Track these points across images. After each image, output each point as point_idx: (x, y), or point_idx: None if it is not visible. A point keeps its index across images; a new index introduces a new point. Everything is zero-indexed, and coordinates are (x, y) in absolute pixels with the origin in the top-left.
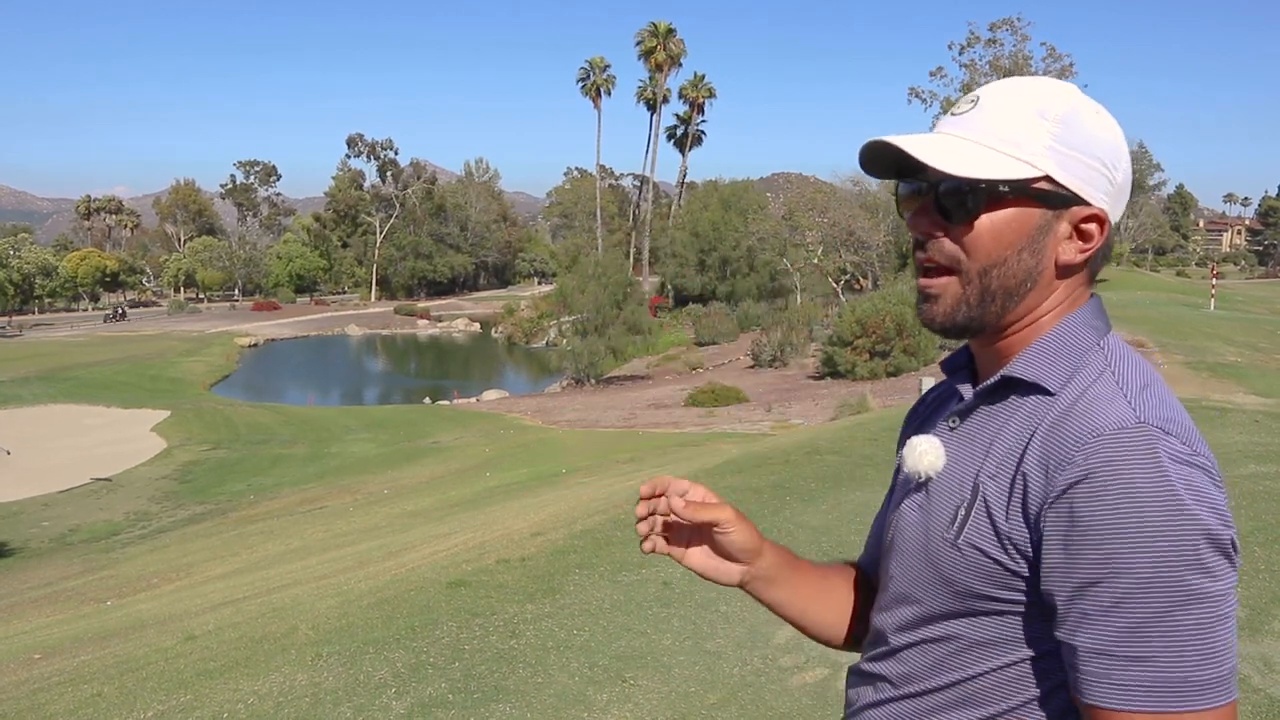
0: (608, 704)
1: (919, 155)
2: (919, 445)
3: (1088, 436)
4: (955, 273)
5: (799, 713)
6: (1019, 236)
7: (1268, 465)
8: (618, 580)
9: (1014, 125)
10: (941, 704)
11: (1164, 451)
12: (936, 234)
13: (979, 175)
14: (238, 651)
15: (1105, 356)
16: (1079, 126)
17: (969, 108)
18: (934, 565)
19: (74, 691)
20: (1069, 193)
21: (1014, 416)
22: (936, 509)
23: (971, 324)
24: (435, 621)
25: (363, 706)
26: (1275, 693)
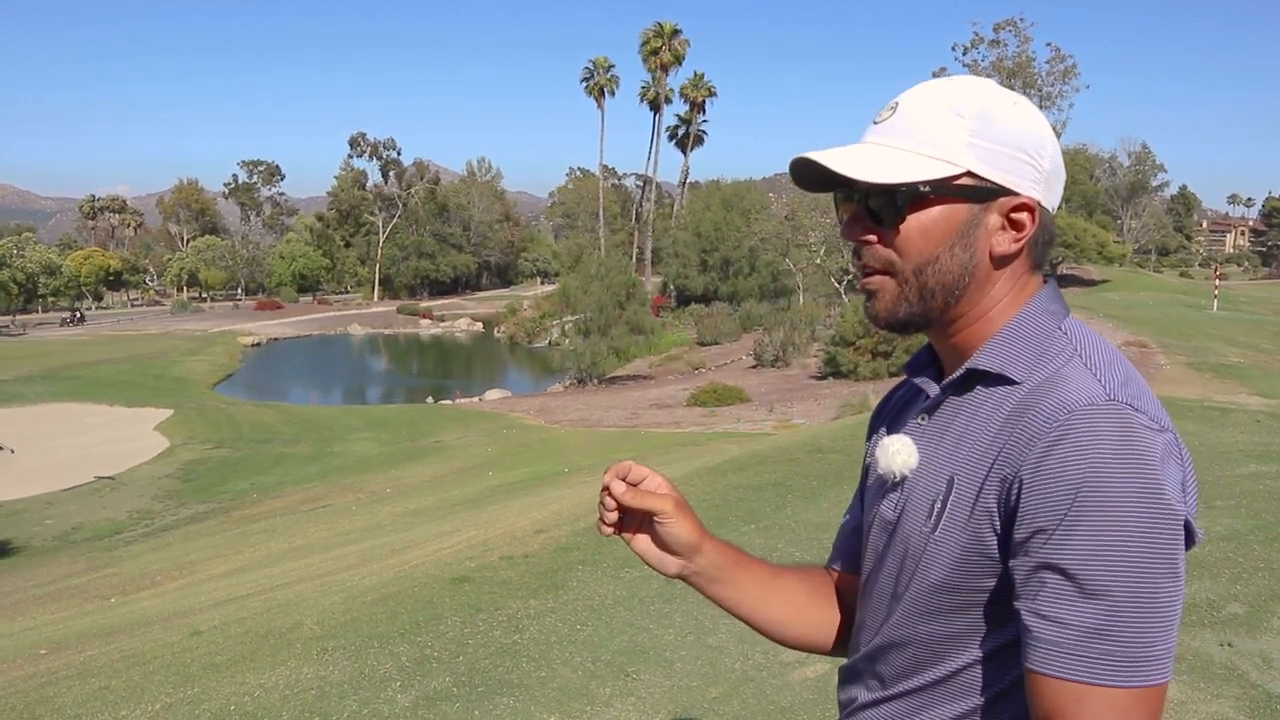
0: (610, 697)
1: (837, 169)
2: (891, 446)
3: (1060, 412)
4: (892, 274)
5: (800, 707)
6: (948, 233)
7: (1269, 465)
8: (620, 576)
9: (931, 126)
10: (934, 698)
11: (1134, 426)
12: (870, 239)
13: (898, 180)
14: (243, 646)
15: (1069, 340)
16: (996, 120)
17: (889, 114)
18: (914, 562)
19: (81, 685)
20: (994, 185)
21: (982, 407)
22: (913, 506)
23: (914, 319)
24: (439, 617)
25: (368, 699)
26: (1274, 689)
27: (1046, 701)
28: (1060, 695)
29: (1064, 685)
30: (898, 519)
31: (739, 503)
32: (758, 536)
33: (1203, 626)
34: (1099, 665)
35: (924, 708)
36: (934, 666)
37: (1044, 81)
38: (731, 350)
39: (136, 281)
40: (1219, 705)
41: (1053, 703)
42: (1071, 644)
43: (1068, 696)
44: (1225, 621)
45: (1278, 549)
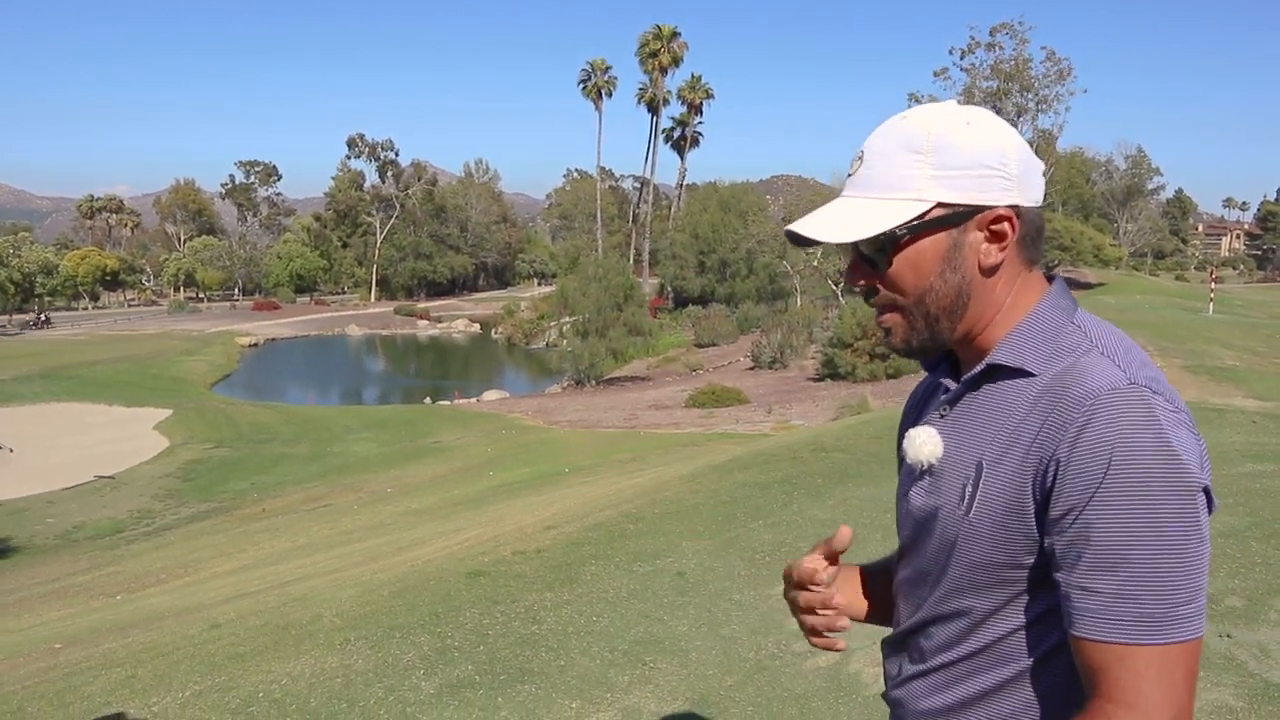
0: (629, 685)
1: (817, 238)
2: (917, 437)
3: (1087, 398)
4: (898, 309)
5: (814, 694)
6: (936, 262)
7: (1265, 464)
8: (633, 570)
9: (894, 171)
10: (975, 667)
11: (1155, 406)
12: (871, 284)
13: (873, 232)
14: (265, 637)
15: (1083, 332)
16: (953, 146)
17: (858, 165)
18: (949, 543)
19: (107, 674)
20: (966, 207)
21: (1004, 398)
22: (944, 492)
23: (929, 344)
24: (457, 608)
25: (393, 687)
26: (1271, 678)
27: (1091, 663)
28: (1104, 656)
29: (1107, 647)
30: (929, 504)
31: (746, 500)
32: (766, 532)
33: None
34: (1136, 626)
35: (966, 677)
36: (974, 638)
37: (1040, 84)
38: (729, 352)
39: (133, 282)
40: (1218, 693)
41: (1097, 664)
42: (1109, 609)
43: (1110, 657)
44: (1224, 614)
45: (1274, 545)
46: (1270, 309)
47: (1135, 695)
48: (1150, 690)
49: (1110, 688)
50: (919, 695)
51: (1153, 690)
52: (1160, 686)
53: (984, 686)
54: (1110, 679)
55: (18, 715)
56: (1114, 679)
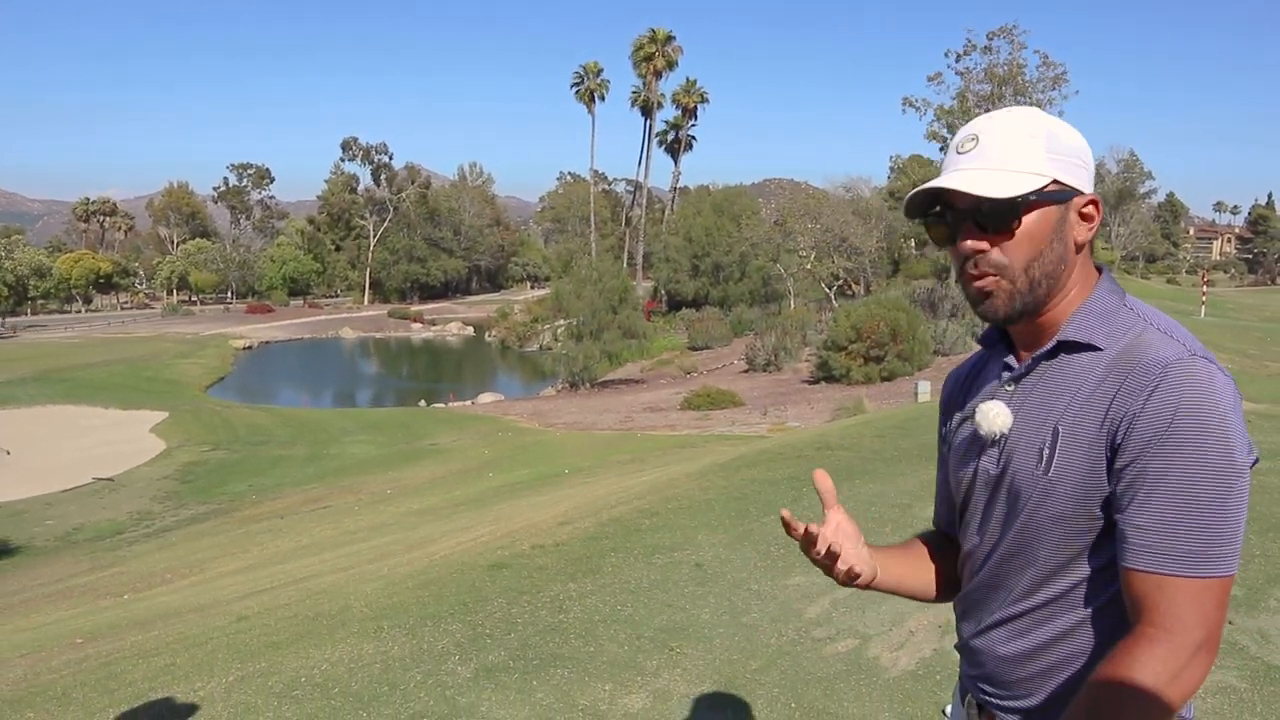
0: (658, 669)
1: (967, 189)
2: (990, 410)
3: (1157, 366)
4: (1002, 275)
5: (835, 677)
6: (1048, 231)
7: (1261, 462)
8: (652, 562)
9: (1016, 148)
10: (1051, 612)
11: (1215, 375)
12: (983, 248)
13: (1012, 193)
14: (297, 627)
15: (1136, 313)
16: (1058, 136)
17: (972, 145)
18: (1026, 501)
19: (146, 663)
20: (1070, 188)
21: (1071, 370)
22: (1020, 456)
23: (1026, 308)
24: (485, 599)
25: (431, 671)
26: (1272, 660)
27: (1136, 591)
28: (1145, 584)
29: (1148, 577)
30: (1002, 469)
31: (757, 495)
32: (779, 526)
33: None
34: (1176, 560)
35: (1041, 623)
36: (1048, 588)
37: (1034, 89)
38: (723, 355)
39: (127, 284)
40: (1222, 675)
41: (1140, 591)
42: (1155, 543)
43: (1151, 585)
44: None
45: (1271, 538)
46: (1261, 312)
47: (1172, 620)
48: (1185, 615)
49: (1151, 612)
50: (998, 642)
51: (1187, 616)
52: (1194, 613)
53: (1056, 631)
54: (1150, 605)
55: (64, 701)
56: (1154, 605)
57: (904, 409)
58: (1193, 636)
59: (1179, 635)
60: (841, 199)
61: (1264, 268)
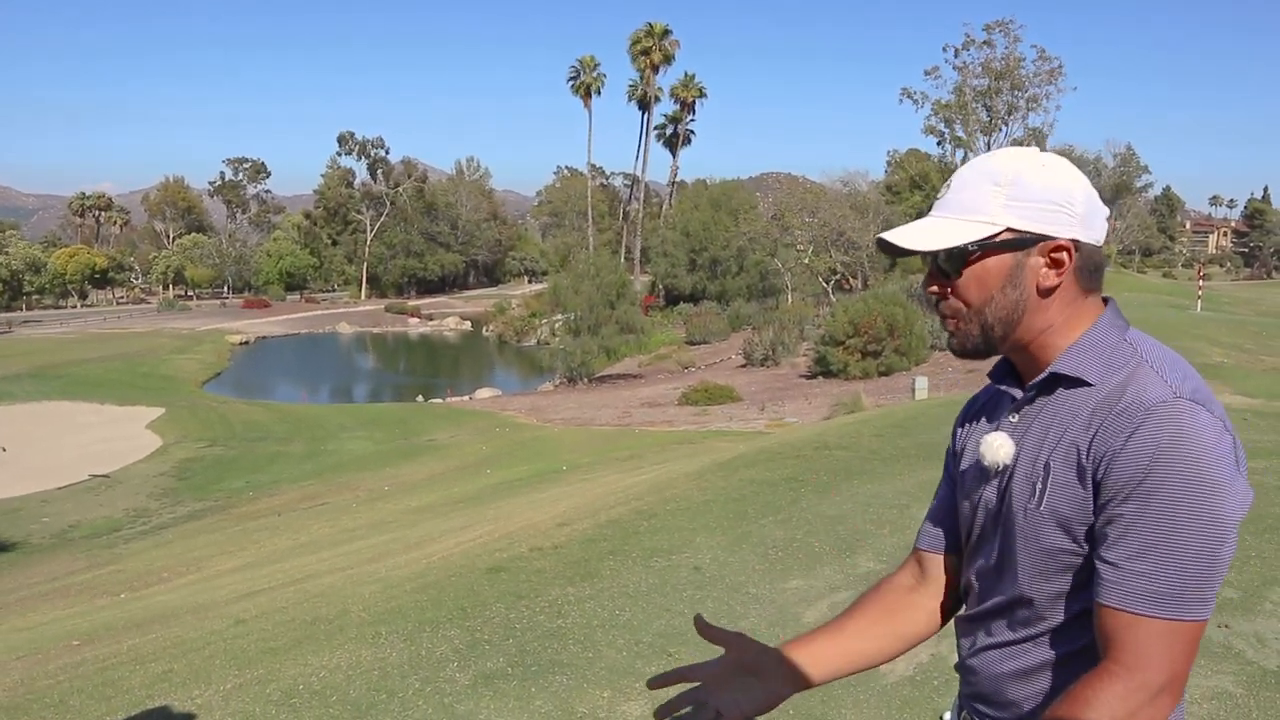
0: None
1: (905, 244)
2: (994, 441)
3: (1138, 410)
4: (961, 318)
5: (834, 684)
6: (999, 278)
7: (1257, 461)
8: (650, 565)
9: (975, 196)
10: (1043, 645)
11: (1194, 418)
12: (942, 292)
13: (952, 244)
14: (295, 632)
15: (1134, 348)
16: (1026, 183)
17: (945, 192)
18: (1022, 533)
19: (143, 669)
20: (1032, 234)
21: (1065, 405)
22: (1018, 489)
23: (980, 349)
24: (483, 604)
25: (429, 678)
26: (1268, 665)
27: (1105, 627)
28: (1116, 621)
29: (1119, 614)
30: (1001, 500)
31: (755, 496)
32: (778, 528)
33: None
34: (1147, 600)
35: (1037, 649)
36: (1046, 618)
37: (1031, 83)
38: (720, 349)
39: (122, 280)
40: (1218, 679)
41: (1110, 627)
42: (1127, 582)
43: (1121, 623)
44: (1222, 606)
45: (1268, 539)
46: (1257, 306)
47: (1135, 659)
48: (1151, 656)
49: (1117, 650)
50: (992, 662)
51: (1153, 657)
52: (1160, 655)
53: (1049, 658)
54: (1118, 642)
55: (61, 708)
56: (1121, 643)
57: (903, 407)
58: (1155, 678)
59: (1140, 674)
60: (839, 193)
61: (1260, 261)
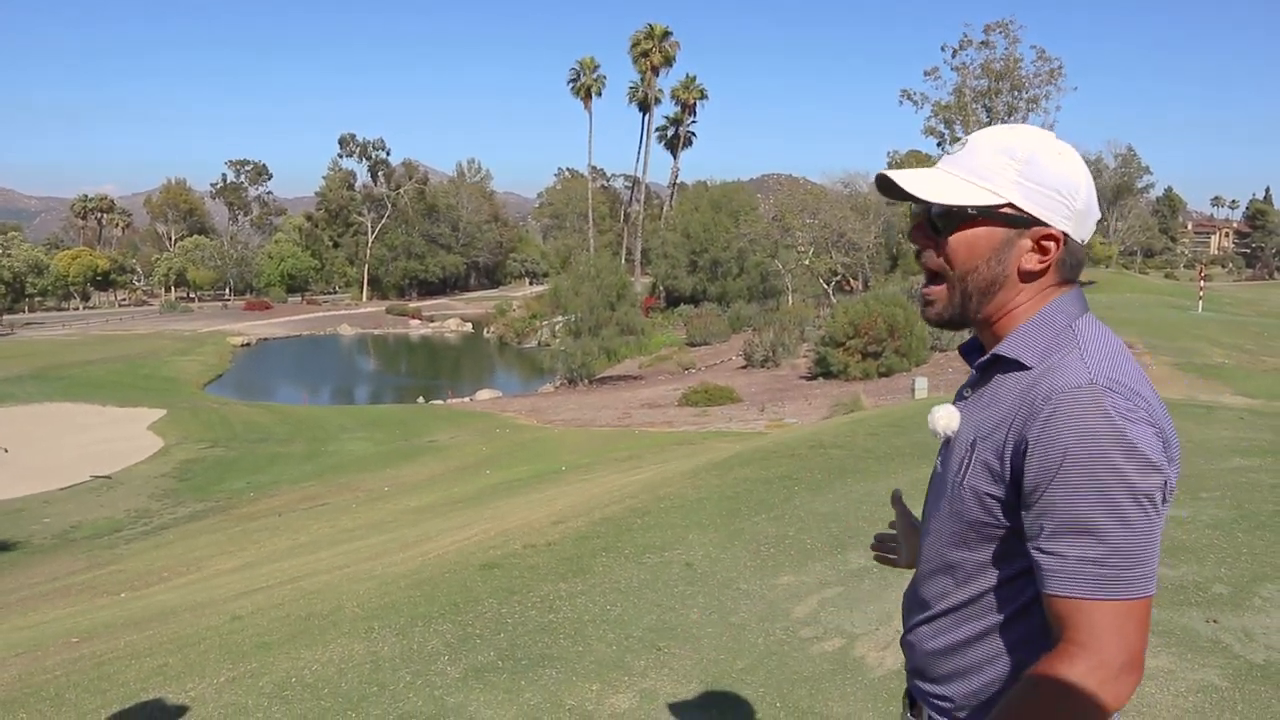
0: (645, 669)
1: (908, 188)
2: (940, 412)
3: (1051, 393)
4: (943, 280)
5: (821, 676)
6: (987, 249)
7: (1251, 459)
8: (643, 562)
9: (987, 162)
10: (964, 616)
11: (1107, 402)
12: (928, 246)
13: (953, 201)
14: (290, 627)
15: (1074, 333)
16: (1040, 165)
17: (959, 149)
18: (948, 505)
19: (138, 664)
20: (1029, 216)
21: (1002, 387)
22: (951, 461)
23: (955, 318)
24: (475, 599)
25: (420, 671)
26: (1254, 658)
27: (1058, 615)
28: (1065, 608)
29: (1069, 601)
30: (942, 471)
31: (749, 494)
32: (770, 525)
33: (1190, 605)
34: (1093, 584)
35: (959, 624)
36: (963, 590)
37: (1031, 83)
38: (721, 351)
39: (124, 281)
40: (1205, 673)
41: (1063, 615)
42: (1070, 570)
43: (1070, 608)
44: (1211, 601)
45: (1259, 536)
46: (1258, 307)
47: (1093, 640)
48: (1106, 636)
49: (1072, 631)
50: (924, 638)
51: (1108, 636)
52: (1113, 634)
53: (972, 632)
54: (1073, 626)
55: (57, 702)
56: (1075, 626)
57: (900, 407)
58: (1113, 657)
59: (1098, 654)
60: (840, 194)
61: (1261, 262)
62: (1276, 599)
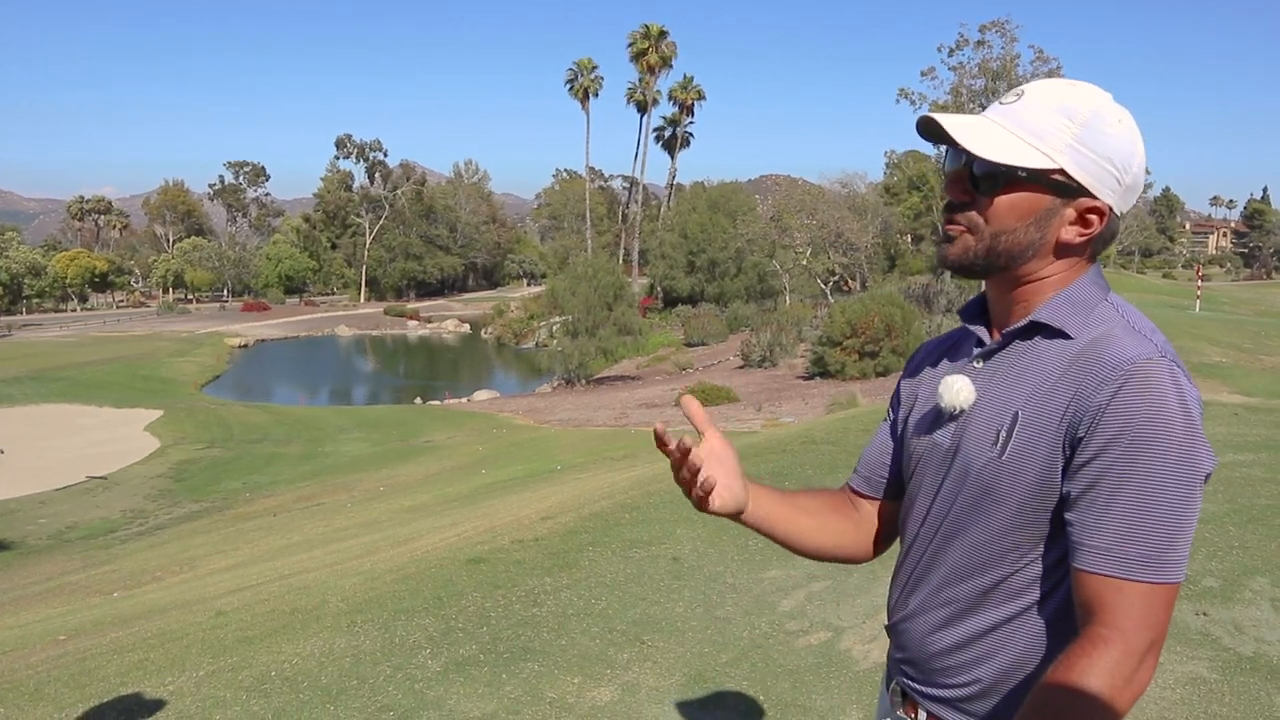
0: (628, 662)
1: (957, 137)
2: (955, 383)
3: (1122, 363)
4: (973, 231)
5: (806, 669)
6: (1029, 214)
7: (1245, 454)
8: (629, 556)
9: (1043, 121)
10: (982, 603)
11: (1180, 378)
12: (965, 200)
13: (1003, 160)
14: (272, 622)
15: (1114, 308)
16: (1098, 130)
17: (1014, 100)
18: (975, 482)
19: (120, 659)
20: (1079, 185)
21: (1039, 356)
22: (974, 435)
23: (975, 268)
24: (460, 593)
25: (401, 665)
26: (1243, 650)
27: (1089, 592)
28: (1101, 586)
29: (1105, 580)
30: (957, 446)
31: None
32: None
33: (1180, 598)
34: (1134, 565)
35: (976, 608)
36: (988, 573)
37: (1028, 83)
38: (719, 351)
39: (122, 283)
40: (1194, 666)
41: (1094, 592)
42: (1112, 546)
43: (1108, 588)
44: (1201, 594)
45: (1251, 529)
46: (1256, 306)
47: (1125, 621)
48: (1137, 618)
49: (1105, 614)
50: (928, 626)
51: (1139, 619)
52: (1145, 616)
53: (988, 622)
54: (1106, 607)
55: (35, 696)
56: (1109, 607)
57: None
58: (1143, 639)
59: (1131, 638)
60: (837, 195)
61: (1259, 262)
62: (1267, 592)
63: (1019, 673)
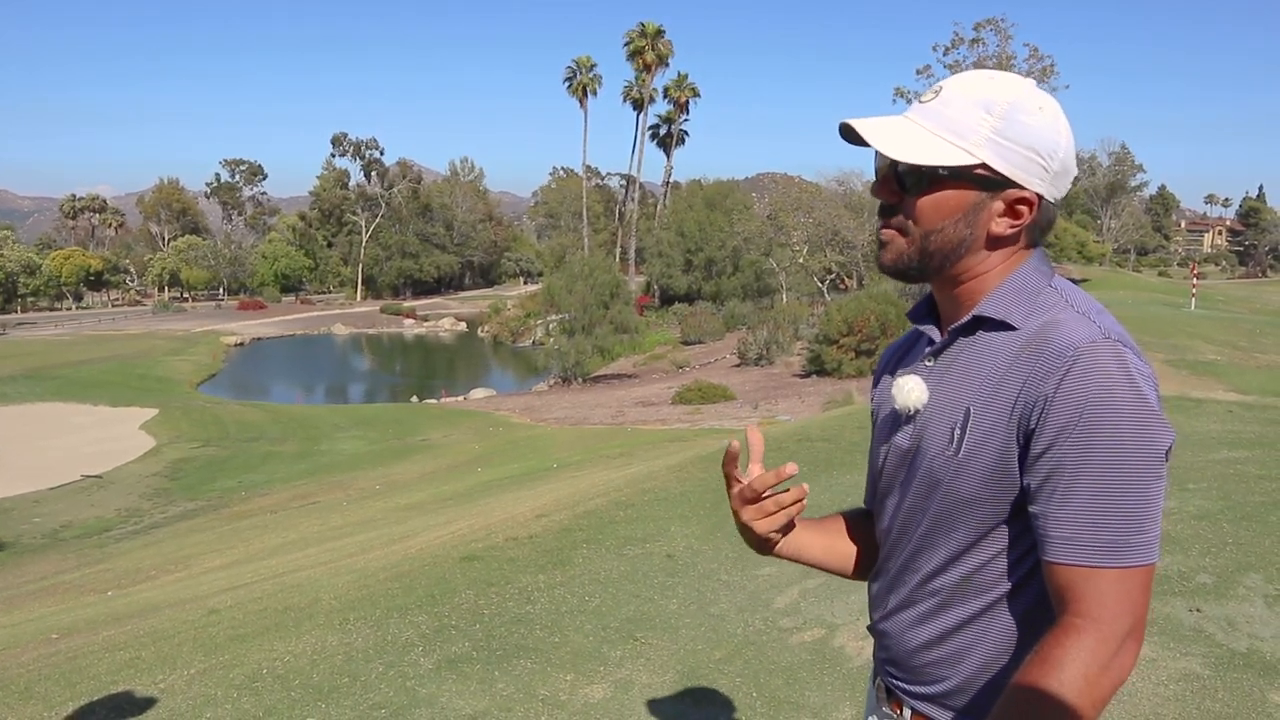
0: (621, 659)
1: (872, 141)
2: (906, 385)
3: (1067, 349)
4: (904, 233)
5: (799, 666)
6: (956, 210)
7: (1238, 451)
8: (623, 554)
9: (961, 117)
10: (954, 598)
11: (1127, 359)
12: (893, 201)
13: (922, 161)
14: (265, 620)
15: (1058, 293)
16: (1018, 121)
17: (933, 97)
18: (935, 481)
19: (111, 657)
20: (1003, 178)
21: (988, 348)
22: (932, 434)
23: (911, 272)
24: (453, 590)
25: (393, 662)
26: (1236, 647)
27: (1062, 583)
28: (1071, 576)
29: (1075, 569)
30: (916, 447)
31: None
32: None
33: (1174, 595)
34: (1101, 552)
35: (950, 604)
36: (957, 568)
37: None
38: (715, 349)
39: (118, 282)
40: (1187, 662)
41: (1067, 584)
42: (1079, 536)
43: (1077, 577)
44: (1195, 590)
45: (1245, 526)
46: (1251, 304)
47: (1099, 609)
48: (1112, 605)
49: (1078, 603)
50: (905, 625)
51: (1114, 605)
52: (1120, 602)
53: (962, 616)
54: (1077, 596)
55: (26, 695)
56: (1081, 596)
57: None
58: (1120, 625)
59: (1107, 625)
60: (834, 193)
61: (1254, 260)
62: (1260, 588)
63: (996, 665)
